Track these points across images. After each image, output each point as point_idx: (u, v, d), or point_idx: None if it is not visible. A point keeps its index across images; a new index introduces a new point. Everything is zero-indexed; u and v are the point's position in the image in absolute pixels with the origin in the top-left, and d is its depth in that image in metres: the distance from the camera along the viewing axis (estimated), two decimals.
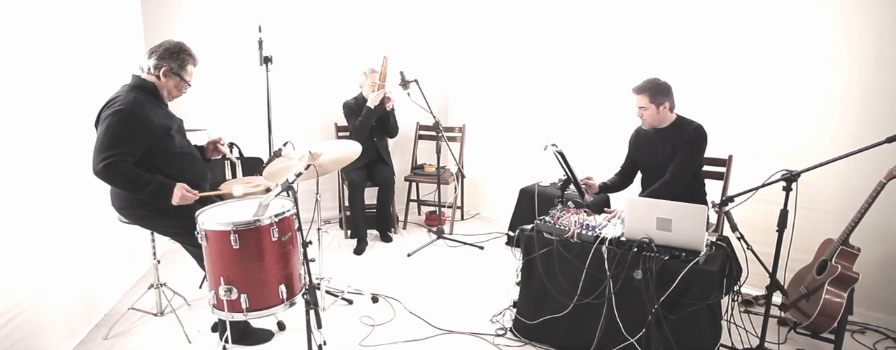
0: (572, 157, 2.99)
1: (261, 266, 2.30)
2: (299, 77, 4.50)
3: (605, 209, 2.93)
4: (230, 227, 2.21)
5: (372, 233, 4.42)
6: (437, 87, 4.93)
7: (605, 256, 2.40)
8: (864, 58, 2.86)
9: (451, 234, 4.48)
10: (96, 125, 2.43)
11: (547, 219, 2.68)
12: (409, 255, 4.03)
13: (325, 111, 4.60)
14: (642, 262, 2.29)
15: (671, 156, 2.89)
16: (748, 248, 2.37)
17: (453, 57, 5.18)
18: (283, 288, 2.36)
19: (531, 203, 4.03)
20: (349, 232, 4.41)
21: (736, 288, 2.38)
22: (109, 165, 2.30)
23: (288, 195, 2.37)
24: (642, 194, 2.84)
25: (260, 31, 3.30)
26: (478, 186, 5.09)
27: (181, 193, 2.44)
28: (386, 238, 4.37)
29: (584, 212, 2.75)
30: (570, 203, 2.89)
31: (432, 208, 4.90)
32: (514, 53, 4.65)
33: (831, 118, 3.01)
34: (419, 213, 5.13)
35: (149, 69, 2.51)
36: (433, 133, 4.83)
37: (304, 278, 2.49)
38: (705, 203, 3.03)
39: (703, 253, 2.24)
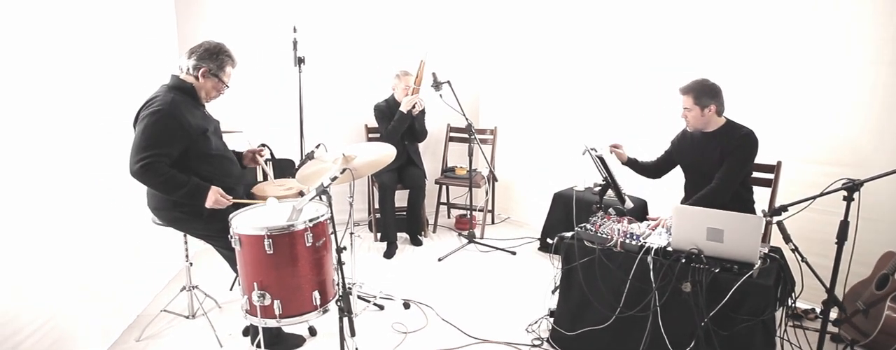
0: (608, 161, 2.89)
1: (294, 272, 2.25)
2: (330, 78, 4.46)
3: (648, 217, 2.81)
4: (264, 232, 2.16)
5: (401, 236, 4.36)
6: (468, 88, 4.84)
7: (651, 267, 2.29)
8: None
9: (481, 238, 4.40)
10: (134, 125, 2.42)
11: (588, 226, 2.58)
12: (439, 260, 3.96)
13: (356, 112, 4.56)
14: (691, 274, 2.18)
15: (718, 161, 2.76)
16: (803, 261, 2.24)
17: (485, 57, 5.09)
18: (316, 294, 2.31)
19: (566, 208, 3.92)
20: (379, 235, 4.36)
21: (790, 302, 2.26)
22: (146, 166, 2.28)
23: (321, 199, 2.33)
24: (687, 202, 2.72)
25: (295, 31, 3.26)
26: (508, 190, 5.00)
27: (215, 197, 2.41)
28: (416, 242, 4.31)
29: (627, 220, 2.64)
30: (611, 210, 2.78)
31: (462, 212, 4.82)
32: (548, 53, 4.54)
33: (891, 124, 2.84)
34: (449, 217, 5.05)
35: (188, 69, 2.49)
36: (464, 135, 4.77)
37: (338, 284, 2.44)
38: (753, 211, 2.90)
39: (757, 266, 2.11)
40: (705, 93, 2.68)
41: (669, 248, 2.30)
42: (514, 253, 4.11)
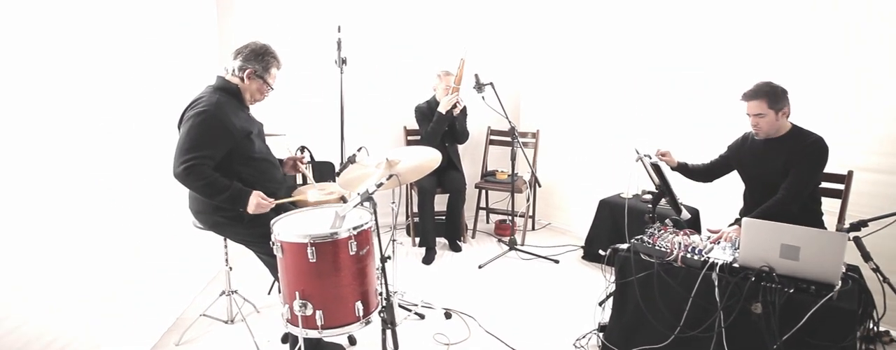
0: (663, 168, 2.74)
1: (337, 281, 2.17)
2: (370, 78, 4.38)
3: (708, 229, 2.64)
4: (307, 240, 2.09)
5: (440, 241, 4.27)
6: (508, 88, 4.70)
7: (716, 285, 2.13)
8: None
9: (522, 245, 4.26)
10: (179, 126, 2.38)
11: (645, 238, 2.43)
12: (480, 267, 3.85)
13: (395, 114, 4.48)
14: (762, 294, 2.01)
15: (782, 170, 2.57)
16: (885, 281, 2.05)
17: (526, 56, 4.94)
18: (359, 305, 2.22)
19: (612, 216, 3.76)
20: (417, 240, 4.27)
21: (873, 327, 2.07)
22: (189, 168, 2.23)
23: (365, 206, 2.24)
24: (751, 214, 2.53)
25: (339, 31, 3.19)
26: (549, 195, 4.84)
27: (257, 201, 2.34)
28: (455, 247, 4.20)
29: (687, 232, 2.48)
30: (667, 221, 2.63)
31: (502, 217, 4.70)
32: (593, 53, 4.37)
33: None
34: (488, 222, 4.93)
35: (233, 71, 2.44)
36: (505, 138, 4.64)
37: (381, 294, 2.35)
38: (822, 224, 2.70)
39: (837, 287, 1.93)
40: (779, 95, 2.49)
41: (736, 265, 2.14)
42: (557, 261, 3.96)
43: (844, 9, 3.01)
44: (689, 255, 2.25)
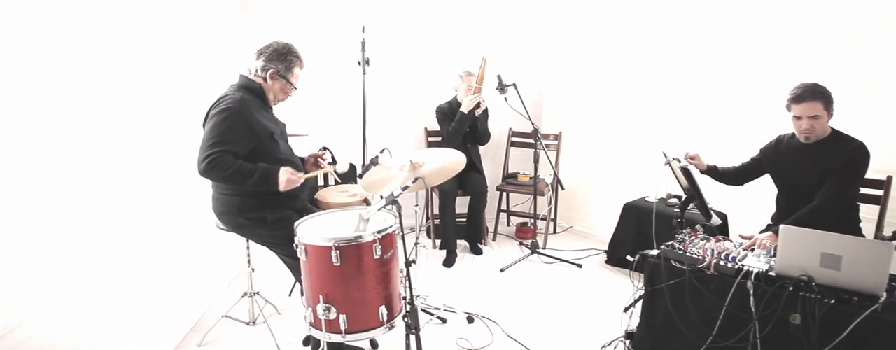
0: (694, 172, 2.66)
1: (361, 285, 2.13)
2: (390, 79, 4.35)
3: (741, 235, 2.56)
4: (332, 243, 2.06)
5: (460, 244, 4.22)
6: (530, 89, 4.64)
7: (751, 294, 2.05)
8: None
9: (544, 248, 4.20)
10: (204, 125, 2.36)
11: (675, 245, 2.36)
12: (501, 271, 3.80)
13: (416, 114, 4.45)
14: (801, 305, 1.93)
15: (820, 175, 2.48)
16: None
17: (549, 58, 4.88)
18: (383, 309, 2.19)
19: (637, 220, 3.69)
20: (437, 242, 4.23)
21: None
22: (212, 161, 2.21)
23: (390, 209, 2.21)
24: (787, 220, 2.45)
25: (363, 31, 3.16)
26: (571, 198, 4.77)
27: (287, 177, 2.31)
28: (476, 250, 4.16)
29: (719, 238, 2.40)
30: (698, 227, 2.55)
31: (523, 220, 4.64)
32: (617, 54, 4.30)
33: None
34: (508, 225, 4.87)
35: (256, 71, 2.42)
36: (527, 140, 4.59)
37: (405, 298, 2.32)
38: (859, 231, 2.61)
39: (882, 298, 1.85)
40: (831, 97, 2.40)
41: (772, 274, 2.06)
42: (580, 266, 3.89)
43: (846, 9, 2.96)
44: (722, 263, 2.18)
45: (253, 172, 2.27)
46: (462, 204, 4.14)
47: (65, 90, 2.00)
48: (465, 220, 4.20)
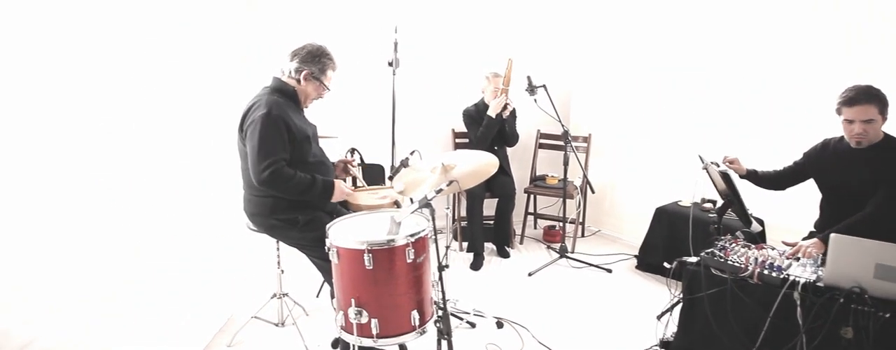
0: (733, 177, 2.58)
1: (394, 289, 2.10)
2: (418, 79, 4.32)
3: (784, 242, 2.47)
4: (364, 246, 2.03)
5: (487, 246, 4.18)
6: (559, 91, 4.57)
7: (798, 305, 1.97)
8: None
9: (572, 252, 4.14)
10: (240, 130, 2.36)
11: (716, 252, 2.29)
12: (530, 275, 3.74)
13: (443, 115, 4.41)
14: (853, 318, 1.85)
15: (871, 182, 2.38)
16: None
17: (577, 58, 4.81)
18: (415, 314, 2.15)
19: (670, 225, 3.60)
20: (464, 244, 4.19)
21: None
22: (274, 172, 2.24)
23: (422, 212, 2.18)
24: (836, 229, 2.35)
25: (396, 32, 3.14)
26: (599, 201, 4.69)
27: (341, 190, 2.42)
28: (503, 253, 4.11)
29: (763, 246, 2.32)
30: (739, 233, 2.47)
31: (551, 223, 4.57)
32: (648, 54, 4.20)
33: None
34: (535, 228, 4.81)
35: (289, 72, 2.41)
36: (556, 142, 4.53)
37: (436, 303, 2.29)
38: None
39: None
40: (885, 99, 2.30)
41: (820, 284, 1.98)
42: (609, 270, 3.82)
43: (846, 9, 2.87)
44: (766, 272, 2.10)
45: (312, 184, 2.33)
46: (489, 206, 4.10)
47: (80, 90, 1.99)
48: (491, 222, 4.16)
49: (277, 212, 2.43)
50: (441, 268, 2.14)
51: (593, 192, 3.95)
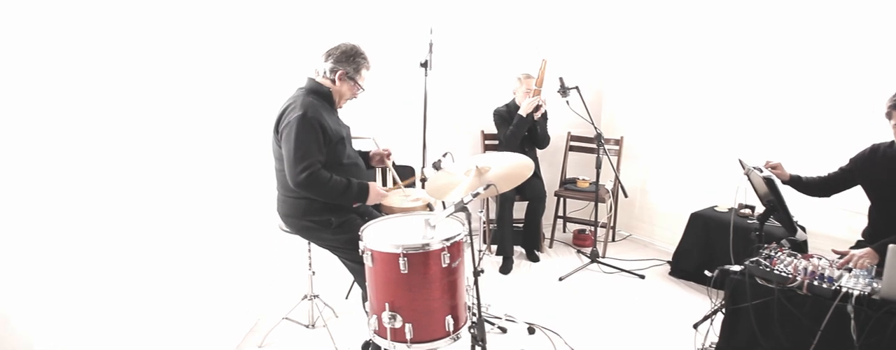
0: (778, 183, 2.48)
1: (429, 294, 2.07)
2: (450, 81, 4.28)
3: (834, 250, 2.37)
4: (400, 250, 2.00)
5: (516, 250, 4.13)
6: (590, 92, 4.49)
7: (852, 318, 1.88)
8: None
9: (603, 257, 4.06)
10: (275, 131, 2.35)
11: (761, 261, 2.20)
12: (560, 279, 3.68)
13: (473, 116, 4.37)
14: None
15: None
16: None
17: (609, 58, 4.72)
18: (449, 319, 2.12)
19: (706, 232, 3.51)
20: (493, 248, 4.14)
21: None
22: (311, 175, 2.23)
23: (457, 216, 2.15)
24: (890, 240, 2.25)
25: (431, 33, 3.11)
26: (630, 205, 4.60)
27: (376, 192, 2.42)
28: (533, 257, 4.05)
29: (810, 256, 2.23)
30: (784, 242, 2.38)
31: (581, 227, 4.50)
32: (682, 54, 4.09)
33: None
34: (564, 231, 4.74)
35: (324, 73, 2.40)
36: (587, 145, 4.46)
37: (470, 308, 2.25)
38: None
39: None
40: None
41: (876, 297, 1.89)
42: (642, 277, 3.74)
43: None
44: (816, 283, 2.02)
45: (347, 187, 2.32)
46: (518, 209, 4.04)
47: (117, 91, 2.00)
48: (521, 225, 4.10)
49: (311, 213, 2.42)
50: (476, 272, 2.10)
51: (626, 196, 3.87)
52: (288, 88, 2.48)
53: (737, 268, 2.26)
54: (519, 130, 3.87)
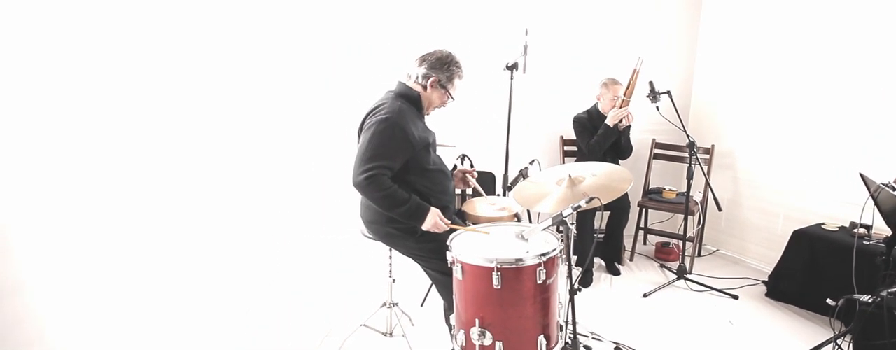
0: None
1: (522, 311, 1.96)
2: (533, 85, 4.13)
3: None
4: (494, 264, 1.90)
5: (596, 262, 3.94)
6: (677, 97, 4.23)
7: None
8: None
9: (690, 273, 3.81)
10: (359, 132, 2.32)
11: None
12: (645, 296, 3.47)
13: (554, 121, 4.21)
14: None
15: None
16: None
17: (699, 60, 4.44)
18: (542, 339, 2.00)
19: (811, 251, 3.21)
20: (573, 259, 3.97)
21: None
22: (371, 178, 2.15)
23: (555, 230, 2.02)
24: None
25: (527, 34, 3.00)
26: (717, 219, 4.31)
27: (434, 220, 2.24)
28: (613, 270, 3.85)
29: None
30: None
31: (664, 240, 4.25)
32: (788, 52, 3.75)
33: None
34: (645, 243, 4.51)
35: (416, 78, 2.34)
36: (673, 153, 4.23)
37: (564, 329, 2.12)
38: None
39: None
40: None
41: None
42: (736, 297, 3.47)
43: None
44: None
45: (404, 202, 2.21)
46: (597, 219, 3.85)
47: (199, 93, 2.01)
48: (602, 236, 3.92)
49: (395, 221, 2.36)
50: (573, 291, 1.97)
51: (720, 209, 3.60)
52: (376, 92, 2.44)
53: (866, 298, 2.01)
54: (604, 141, 3.69)
